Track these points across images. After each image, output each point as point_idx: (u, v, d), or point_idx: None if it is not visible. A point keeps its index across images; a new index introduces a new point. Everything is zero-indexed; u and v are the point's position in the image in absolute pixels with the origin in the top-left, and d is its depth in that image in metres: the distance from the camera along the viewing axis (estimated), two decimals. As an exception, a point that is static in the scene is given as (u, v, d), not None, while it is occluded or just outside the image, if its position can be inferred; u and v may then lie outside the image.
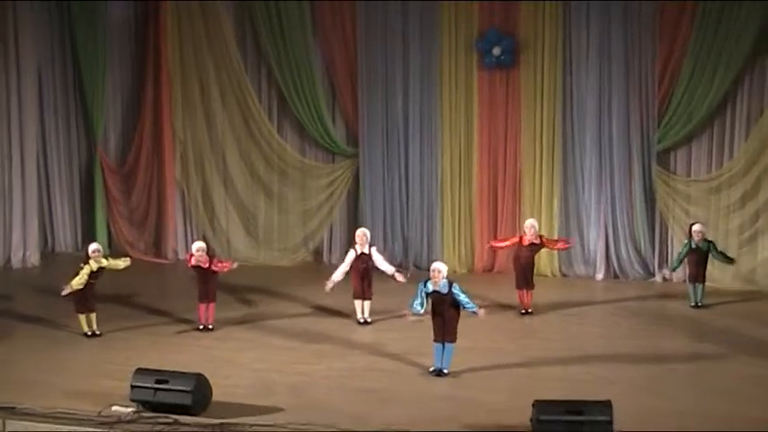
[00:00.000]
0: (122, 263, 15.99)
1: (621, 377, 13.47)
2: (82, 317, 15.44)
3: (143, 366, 12.44)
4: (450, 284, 13.42)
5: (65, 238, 21.59)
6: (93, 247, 15.66)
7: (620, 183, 19.12)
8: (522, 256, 16.81)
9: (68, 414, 11.56)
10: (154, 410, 11.78)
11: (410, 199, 20.26)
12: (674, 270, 17.75)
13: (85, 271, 15.30)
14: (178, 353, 14.43)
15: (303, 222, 20.89)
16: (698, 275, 17.04)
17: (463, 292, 13.41)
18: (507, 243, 17.28)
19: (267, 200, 21.03)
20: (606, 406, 11.07)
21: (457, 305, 13.46)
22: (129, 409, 11.83)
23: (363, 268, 16.35)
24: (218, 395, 12.37)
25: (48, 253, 21.21)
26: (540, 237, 16.97)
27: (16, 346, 14.94)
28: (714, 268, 18.43)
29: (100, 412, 11.66)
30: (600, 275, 19.32)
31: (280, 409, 12.18)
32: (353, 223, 20.39)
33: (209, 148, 21.08)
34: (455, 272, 19.72)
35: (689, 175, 19.02)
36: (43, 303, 17.60)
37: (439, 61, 19.69)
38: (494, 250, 18.50)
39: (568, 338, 15.44)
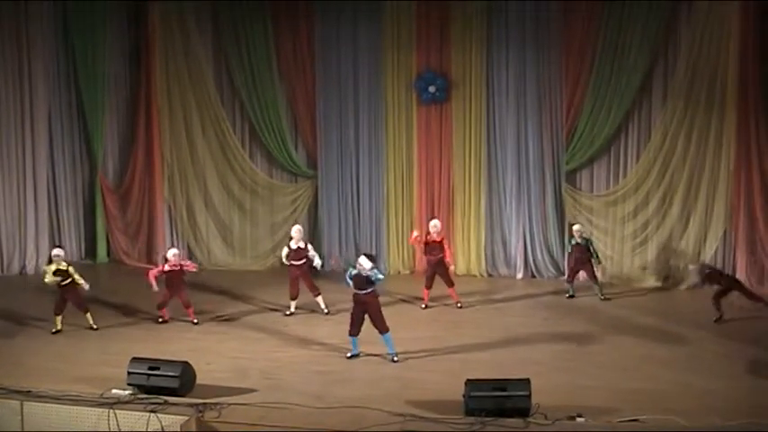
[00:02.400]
0: (81, 282, 15.56)
1: (538, 358, 13.58)
2: (57, 318, 15.36)
3: (138, 355, 12.39)
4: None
5: (71, 248, 21.23)
6: (54, 251, 15.64)
7: (536, 197, 19.20)
8: (429, 256, 16.69)
9: (76, 396, 11.47)
10: (147, 393, 11.72)
11: (360, 212, 20.23)
12: (569, 252, 17.68)
13: (50, 268, 15.30)
14: (167, 344, 14.34)
15: (271, 233, 20.78)
16: (575, 276, 17.47)
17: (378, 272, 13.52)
18: (422, 244, 16.97)
19: (241, 214, 20.91)
20: (526, 383, 11.16)
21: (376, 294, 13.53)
22: (127, 392, 11.76)
23: (299, 273, 16.24)
24: (201, 379, 12.34)
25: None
26: (442, 238, 16.82)
27: (32, 340, 14.81)
28: (612, 266, 18.68)
29: (102, 394, 11.58)
30: (520, 275, 19.36)
31: (253, 390, 12.18)
32: (314, 233, 20.37)
33: (192, 171, 20.92)
34: (399, 272, 19.86)
35: (591, 191, 19.13)
36: (54, 303, 17.38)
37: (384, 97, 19.71)
38: (416, 243, 17.64)
39: (495, 327, 15.48)
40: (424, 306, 16.73)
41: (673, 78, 18.11)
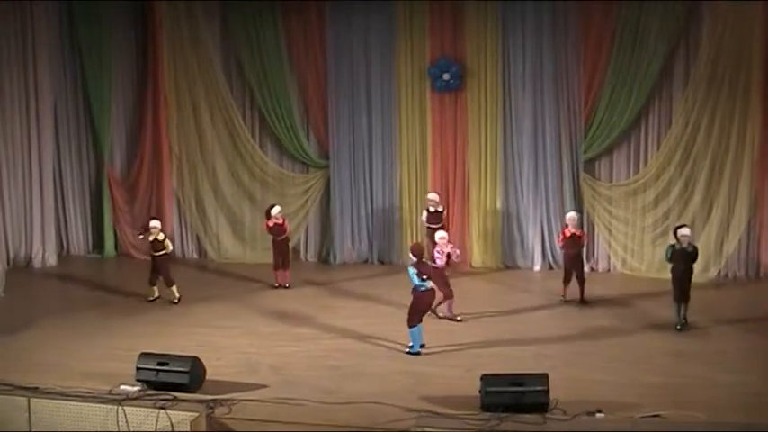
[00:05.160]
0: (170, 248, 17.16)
1: (556, 353, 13.60)
2: (151, 288, 16.91)
3: (146, 351, 12.46)
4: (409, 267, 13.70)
5: (78, 241, 21.44)
6: (152, 223, 16.98)
7: (553, 187, 19.16)
8: (568, 249, 16.63)
9: (83, 393, 11.53)
10: (156, 388, 11.80)
11: (374, 203, 20.23)
12: (668, 261, 15.26)
13: (149, 240, 16.87)
14: (176, 339, 14.40)
15: (283, 225, 20.88)
16: (681, 294, 15.02)
17: (414, 274, 13.58)
18: (561, 237, 16.82)
19: (251, 206, 20.91)
20: (544, 377, 11.18)
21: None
22: (135, 388, 11.83)
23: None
24: (210, 375, 12.41)
25: (63, 255, 21.08)
26: (582, 232, 16.87)
27: (39, 335, 14.88)
28: (632, 258, 18.67)
29: (110, 390, 11.65)
30: (537, 267, 19.33)
31: (263, 386, 12.23)
32: (326, 225, 20.42)
33: (201, 162, 20.96)
34: (413, 265, 19.88)
35: (610, 180, 19.08)
36: (61, 298, 17.54)
37: (397, 85, 19.69)
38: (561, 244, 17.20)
39: (511, 321, 15.51)
40: (566, 300, 16.59)
41: (695, 63, 18.01)
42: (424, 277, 13.67)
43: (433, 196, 18.56)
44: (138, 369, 12.13)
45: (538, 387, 11.08)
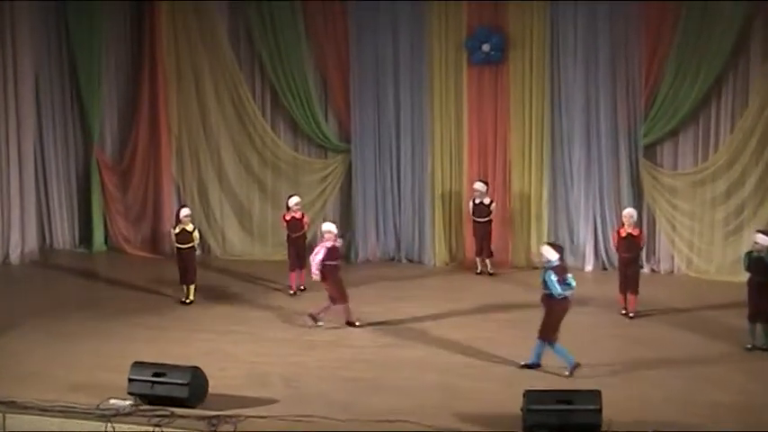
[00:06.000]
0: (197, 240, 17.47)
1: (610, 366, 13.48)
2: (183, 287, 16.99)
3: (141, 360, 12.43)
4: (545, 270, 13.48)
5: (63, 234, 21.49)
6: (184, 211, 17.25)
7: (608, 176, 19.09)
8: (622, 252, 16.31)
9: (67, 408, 11.57)
10: (151, 403, 11.78)
11: (401, 193, 20.20)
12: (747, 270, 14.65)
13: (175, 231, 17.12)
14: (174, 346, 14.41)
15: (297, 217, 20.86)
16: (758, 312, 14.30)
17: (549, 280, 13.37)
18: (614, 238, 16.64)
19: (261, 195, 20.96)
20: (595, 395, 11.10)
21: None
22: (127, 402, 11.82)
23: (482, 226, 18.76)
24: (214, 387, 12.38)
25: (46, 249, 21.15)
26: (640, 232, 16.47)
27: (18, 341, 14.92)
28: (699, 258, 18.50)
29: (98, 405, 11.65)
30: (589, 267, 19.26)
31: (273, 400, 12.22)
32: (346, 217, 20.36)
33: (205, 144, 21.02)
34: (446, 264, 19.81)
35: (675, 168, 18.98)
36: (43, 298, 17.56)
37: (429, 58, 19.63)
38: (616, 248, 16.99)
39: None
40: (625, 313, 16.20)
41: (775, 34, 17.90)
42: (564, 277, 13.47)
43: (479, 186, 18.81)
44: (130, 380, 12.10)
45: (589, 405, 11.02)
